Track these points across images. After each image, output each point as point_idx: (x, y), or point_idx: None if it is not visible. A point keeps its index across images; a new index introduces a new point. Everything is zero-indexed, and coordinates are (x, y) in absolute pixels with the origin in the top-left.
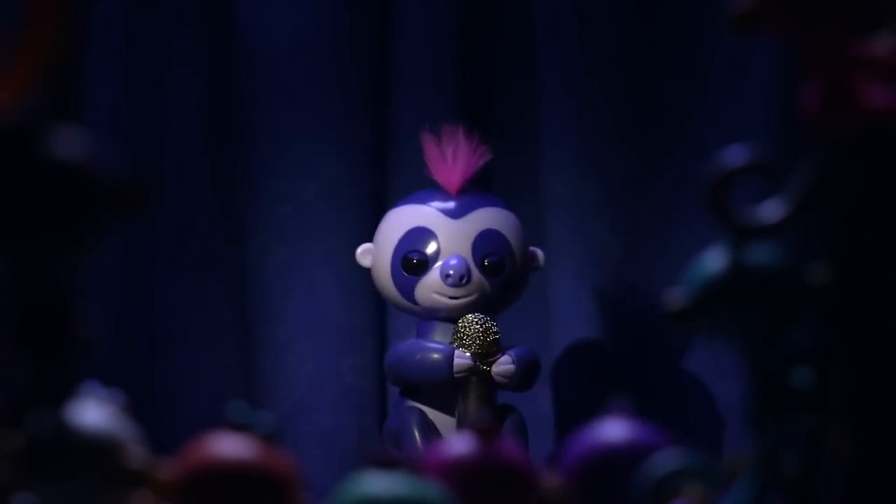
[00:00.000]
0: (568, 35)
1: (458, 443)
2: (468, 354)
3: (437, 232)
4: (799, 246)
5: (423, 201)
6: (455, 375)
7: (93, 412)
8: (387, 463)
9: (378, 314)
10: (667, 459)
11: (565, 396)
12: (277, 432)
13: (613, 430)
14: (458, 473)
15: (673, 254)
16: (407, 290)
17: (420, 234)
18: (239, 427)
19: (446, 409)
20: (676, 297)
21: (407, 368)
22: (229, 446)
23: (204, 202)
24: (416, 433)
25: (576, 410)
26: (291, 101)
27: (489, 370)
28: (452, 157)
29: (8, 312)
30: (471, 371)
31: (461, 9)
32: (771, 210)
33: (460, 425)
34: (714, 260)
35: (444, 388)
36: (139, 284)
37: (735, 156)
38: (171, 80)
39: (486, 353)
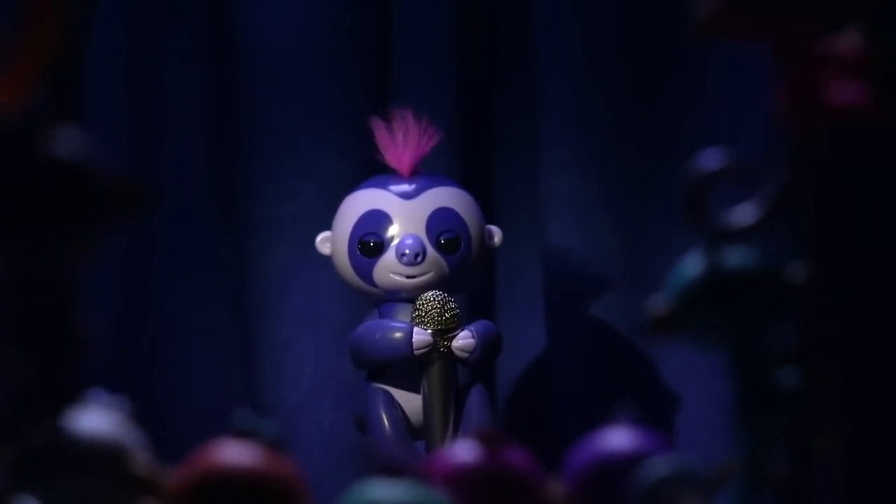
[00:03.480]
0: (568, 34)
1: (462, 451)
2: (428, 331)
3: (392, 213)
4: (777, 246)
5: (376, 185)
6: (415, 353)
7: (98, 419)
8: (392, 470)
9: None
10: (660, 465)
11: (565, 397)
12: (282, 439)
13: (618, 439)
14: (463, 481)
15: (673, 254)
16: (365, 273)
17: (375, 217)
18: (244, 434)
19: (412, 389)
20: (658, 303)
21: (367, 348)
22: (235, 454)
23: (204, 202)
24: (383, 414)
25: (576, 411)
26: (291, 101)
27: (449, 346)
28: (402, 141)
29: (8, 313)
30: (431, 347)
31: (461, 8)
32: (747, 212)
33: (426, 405)
34: (692, 265)
35: (405, 367)
36: (139, 284)
37: (711, 160)
38: (171, 80)
39: (445, 329)
